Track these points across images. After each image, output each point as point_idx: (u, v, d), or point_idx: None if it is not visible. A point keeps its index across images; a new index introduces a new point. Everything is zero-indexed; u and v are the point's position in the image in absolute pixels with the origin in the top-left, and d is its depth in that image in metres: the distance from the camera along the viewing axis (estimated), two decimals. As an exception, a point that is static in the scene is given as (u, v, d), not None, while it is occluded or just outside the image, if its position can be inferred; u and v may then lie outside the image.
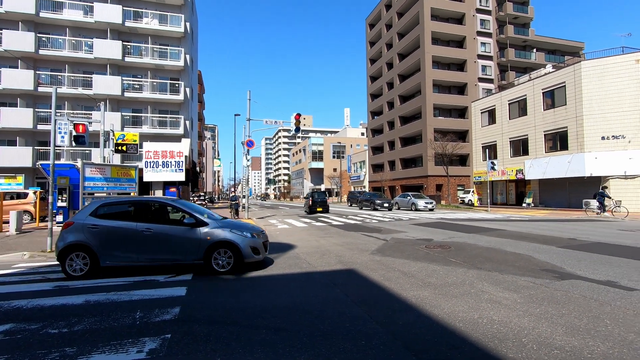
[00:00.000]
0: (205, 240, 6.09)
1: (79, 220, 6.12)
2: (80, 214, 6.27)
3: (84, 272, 5.96)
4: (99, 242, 5.97)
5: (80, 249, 5.97)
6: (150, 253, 6.09)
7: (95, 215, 6.18)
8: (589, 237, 10.29)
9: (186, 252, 6.10)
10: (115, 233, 6.08)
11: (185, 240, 6.09)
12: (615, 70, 22.25)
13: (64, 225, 6.24)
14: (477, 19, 43.28)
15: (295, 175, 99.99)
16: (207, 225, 6.23)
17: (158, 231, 6.08)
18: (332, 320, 3.81)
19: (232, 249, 6.17)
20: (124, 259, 6.05)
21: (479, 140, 32.81)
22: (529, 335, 3.34)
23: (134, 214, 6.29)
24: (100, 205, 6.34)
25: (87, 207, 6.41)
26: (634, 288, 4.90)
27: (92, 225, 6.04)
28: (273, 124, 19.32)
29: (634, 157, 21.36)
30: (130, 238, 6.04)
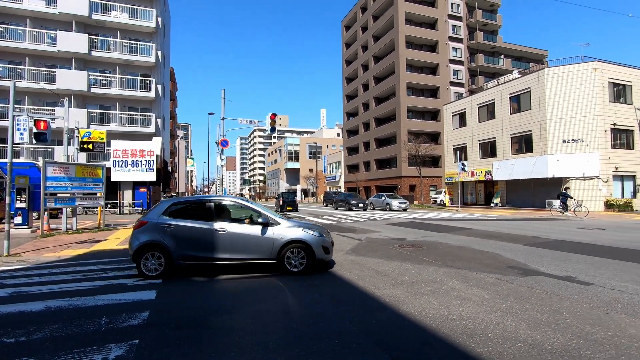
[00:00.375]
0: (279, 240, 6.07)
1: (152, 220, 6.03)
2: (152, 213, 6.15)
3: (159, 271, 5.88)
4: (174, 242, 5.89)
5: (155, 249, 5.89)
6: (224, 252, 5.99)
7: (168, 214, 6.10)
8: (551, 235, 10.86)
9: (260, 251, 6.06)
10: (189, 232, 5.98)
11: (259, 239, 6.05)
12: (575, 77, 23.61)
13: (137, 225, 6.09)
14: (449, 24, 44.65)
15: (271, 175, 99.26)
16: (279, 225, 6.20)
17: (232, 230, 6.02)
18: (306, 321, 3.81)
19: (305, 249, 6.13)
20: (198, 258, 5.96)
21: (451, 142, 33.86)
22: (495, 329, 3.47)
23: (205, 213, 6.18)
24: (172, 204, 6.29)
25: (158, 206, 6.31)
26: (590, 283, 5.22)
27: (166, 225, 5.96)
28: (248, 123, 19.09)
29: (592, 160, 22.74)
30: (204, 237, 5.96)
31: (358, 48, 52.25)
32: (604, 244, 9.04)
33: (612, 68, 23.86)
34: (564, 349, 3.01)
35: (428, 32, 43.81)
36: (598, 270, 6.05)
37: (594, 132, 22.92)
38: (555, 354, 2.93)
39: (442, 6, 44.37)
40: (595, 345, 3.08)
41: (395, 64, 42.47)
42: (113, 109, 26.02)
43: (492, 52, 47.41)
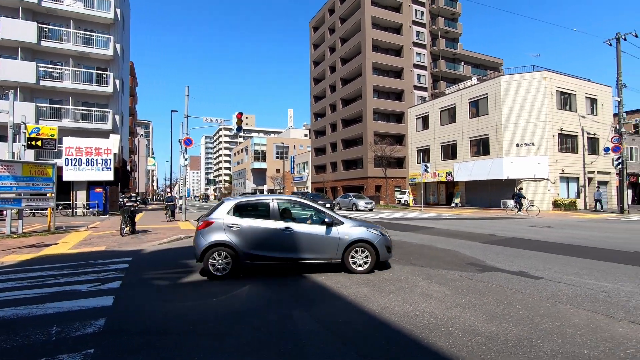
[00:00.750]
0: (344, 239, 6.02)
1: (218, 219, 5.94)
2: (217, 213, 6.04)
3: (226, 271, 5.80)
4: (241, 241, 5.83)
5: (222, 248, 5.81)
6: (290, 252, 5.92)
7: (232, 214, 6.03)
8: (506, 233, 11.53)
9: (325, 251, 6.01)
10: (256, 232, 5.91)
11: (324, 239, 6.00)
12: (527, 85, 25.25)
13: (202, 225, 5.96)
14: (413, 30, 46.12)
15: (237, 175, 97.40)
16: (343, 224, 6.14)
17: (298, 230, 5.97)
18: (274, 322, 3.78)
19: (369, 248, 6.06)
20: (264, 258, 5.88)
21: (414, 144, 34.98)
22: (455, 324, 3.63)
23: (269, 213, 6.09)
24: (236, 203, 6.21)
25: (222, 206, 6.17)
26: (540, 277, 5.60)
27: (233, 224, 5.90)
28: (213, 122, 18.61)
29: (541, 163, 24.42)
30: (270, 237, 5.89)
31: (326, 49, 52.61)
32: (552, 240, 9.74)
33: (560, 78, 25.77)
34: (517, 340, 3.21)
35: (394, 36, 45.00)
36: (547, 265, 6.50)
37: (543, 136, 24.62)
38: (509, 344, 3.12)
39: (407, 12, 45.77)
40: (545, 335, 3.31)
41: (362, 66, 43.21)
42: (66, 103, 24.34)
43: (453, 59, 49.56)
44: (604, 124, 27.39)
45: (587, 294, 4.62)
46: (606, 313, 3.91)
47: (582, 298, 4.46)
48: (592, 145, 26.87)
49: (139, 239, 10.81)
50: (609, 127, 27.08)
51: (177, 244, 10.13)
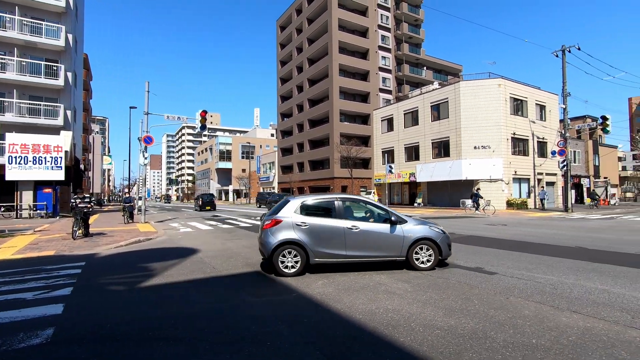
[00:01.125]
0: (408, 237, 6.13)
1: (286, 218, 6.03)
2: (285, 212, 6.12)
3: (295, 269, 5.87)
4: (309, 240, 5.92)
5: (292, 247, 5.89)
6: (357, 250, 6.01)
7: (300, 213, 6.12)
8: (464, 231, 12.10)
9: (390, 249, 6.11)
10: (323, 230, 6.01)
11: (389, 237, 6.11)
12: (484, 91, 26.66)
13: (271, 223, 6.03)
14: (379, 34, 47.19)
15: (201, 175, 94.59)
16: (406, 223, 6.25)
17: (364, 229, 6.07)
18: (237, 324, 3.71)
19: (432, 246, 6.18)
20: (332, 256, 5.98)
21: (380, 145, 35.77)
22: (417, 319, 3.76)
23: (336, 212, 6.18)
24: (302, 202, 6.26)
25: (288, 204, 6.22)
26: (494, 272, 5.93)
27: (301, 223, 5.99)
28: (176, 119, 17.94)
29: (497, 164, 25.87)
30: (338, 235, 5.99)
31: (293, 49, 52.48)
32: (505, 238, 10.35)
33: (513, 85, 27.47)
34: (473, 332, 3.38)
35: (360, 39, 45.78)
36: (501, 261, 6.90)
37: (498, 140, 26.12)
38: (466, 337, 3.27)
39: (373, 16, 46.74)
40: (498, 327, 3.52)
41: (329, 67, 43.56)
42: (9, 96, 22.40)
43: (416, 64, 51.28)
44: (552, 129, 29.55)
45: (536, 287, 4.95)
46: (552, 304, 4.21)
47: (531, 291, 4.78)
48: (541, 148, 28.88)
49: (93, 242, 10.19)
50: (556, 132, 29.23)
51: (136, 247, 9.67)
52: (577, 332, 3.37)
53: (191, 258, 7.73)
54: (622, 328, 3.46)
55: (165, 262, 7.25)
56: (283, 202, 6.44)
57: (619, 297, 4.45)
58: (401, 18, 49.46)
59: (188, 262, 7.23)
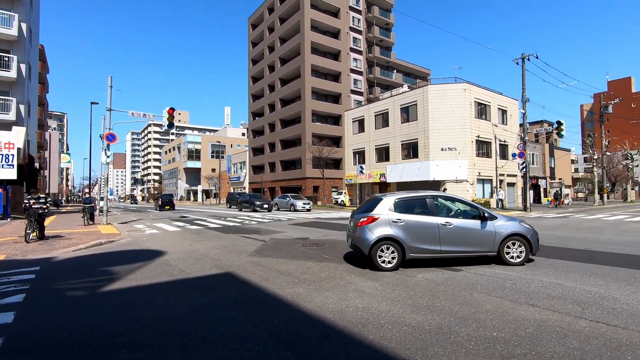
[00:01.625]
0: (500, 233, 6.34)
1: (382, 215, 6.27)
2: (379, 209, 6.36)
3: (392, 264, 6.11)
4: (406, 236, 6.16)
5: (389, 242, 6.13)
6: (450, 246, 6.24)
7: (394, 210, 6.35)
8: (432, 230, 12.48)
9: (482, 244, 6.32)
10: (418, 227, 6.24)
11: (481, 233, 6.32)
12: (450, 95, 27.67)
13: (367, 220, 6.29)
14: (350, 36, 47.73)
15: (168, 175, 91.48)
16: (497, 219, 6.45)
17: (458, 225, 6.30)
18: (205, 327, 3.62)
19: (523, 241, 6.37)
20: (427, 251, 6.22)
21: (351, 146, 36.19)
22: (386, 317, 3.84)
23: (428, 209, 6.44)
24: (396, 200, 6.48)
25: (382, 202, 6.45)
26: (460, 269, 6.17)
27: (397, 220, 6.23)
28: (141, 117, 17.24)
29: (462, 166, 26.93)
30: (432, 231, 6.22)
31: (265, 48, 51.96)
32: (470, 236, 10.78)
33: (477, 90, 28.71)
34: (439, 327, 3.50)
35: (332, 41, 46.08)
36: (465, 258, 7.18)
37: (463, 142, 27.20)
38: (433, 332, 3.39)
39: (345, 18, 47.22)
40: (462, 321, 3.66)
41: (301, 68, 43.53)
42: (-47, 88, 20.60)
43: (387, 66, 52.35)
44: (512, 133, 31.16)
45: (497, 283, 5.21)
46: (512, 298, 4.45)
47: (493, 286, 5.02)
48: (502, 151, 30.38)
49: (49, 245, 9.58)
50: (516, 136, 30.85)
51: (97, 250, 9.19)
52: (533, 324, 3.58)
53: (157, 260, 7.45)
54: (573, 319, 3.71)
55: (129, 265, 6.95)
56: (374, 200, 6.71)
57: (571, 290, 4.76)
58: (372, 21, 50.31)
59: (154, 265, 6.97)
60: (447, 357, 2.86)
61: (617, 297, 4.46)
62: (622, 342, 3.12)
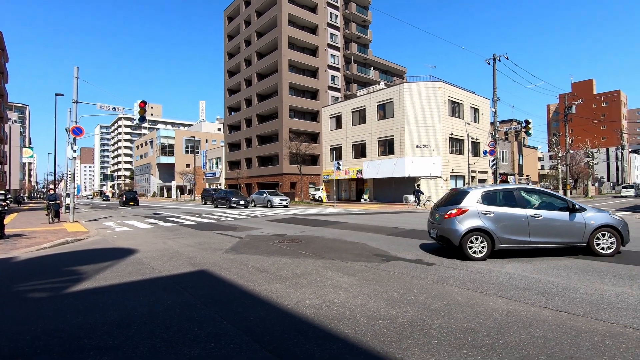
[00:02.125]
0: (590, 225, 6.48)
1: (471, 207, 6.53)
2: (468, 201, 6.60)
3: (482, 254, 6.37)
4: (495, 227, 6.40)
5: (479, 233, 6.38)
6: (540, 237, 6.44)
7: (482, 202, 6.59)
8: (407, 225, 12.76)
9: (571, 235, 6.50)
10: (508, 218, 6.44)
11: (570, 224, 6.47)
12: (425, 93, 28.24)
13: (456, 212, 6.55)
14: (328, 32, 47.68)
15: (140, 170, 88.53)
16: (586, 211, 6.56)
17: (547, 216, 6.47)
18: (178, 327, 3.53)
19: (614, 233, 6.50)
20: (516, 242, 6.44)
21: (328, 142, 36.28)
22: (361, 311, 3.89)
23: (516, 201, 6.62)
24: (483, 192, 6.72)
25: (469, 195, 6.70)
26: (433, 263, 6.33)
27: (486, 212, 6.47)
28: (111, 110, 16.53)
29: (436, 163, 27.61)
30: (522, 223, 6.41)
31: (241, 42, 51.04)
32: (443, 231, 11.09)
33: (451, 88, 29.46)
34: (412, 320, 3.58)
35: (309, 36, 45.88)
36: (439, 252, 7.38)
37: (437, 139, 27.88)
38: (407, 325, 3.46)
39: (322, 14, 47.09)
40: (435, 314, 3.76)
41: (278, 63, 43.09)
42: None
43: (364, 63, 52.71)
44: (484, 131, 32.23)
45: (468, 276, 5.38)
46: (481, 291, 4.61)
47: (464, 279, 5.19)
48: (474, 148, 31.38)
49: (9, 244, 9.06)
50: (487, 134, 31.94)
51: (63, 249, 8.78)
52: (501, 314, 3.73)
53: (128, 259, 7.20)
54: (538, 309, 3.89)
55: (97, 265, 6.68)
56: (460, 193, 6.96)
57: (536, 282, 5.00)
58: (350, 18, 50.44)
59: (124, 264, 6.73)
60: (419, 349, 2.93)
61: (577, 287, 4.72)
62: (581, 330, 3.31)
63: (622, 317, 3.64)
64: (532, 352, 2.86)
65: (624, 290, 4.58)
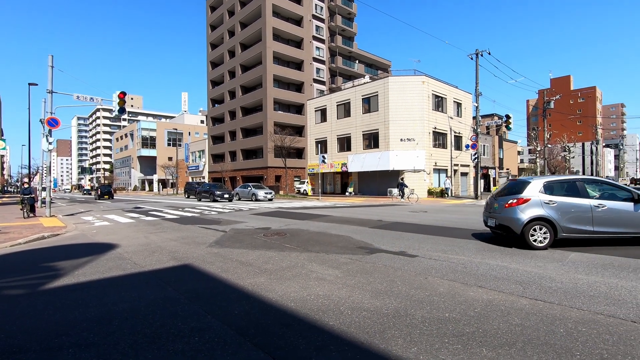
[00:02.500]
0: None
1: (533, 197, 6.72)
2: (529, 191, 6.81)
3: (544, 243, 6.55)
4: (558, 216, 6.54)
5: (541, 223, 6.56)
6: (603, 227, 6.54)
7: (544, 192, 6.76)
8: (391, 218, 12.92)
9: (637, 226, 6.54)
10: (571, 208, 6.58)
11: (636, 215, 6.52)
12: (409, 87, 28.44)
13: (517, 201, 6.76)
14: (313, 24, 47.26)
15: (120, 163, 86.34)
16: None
17: (610, 207, 6.56)
18: (161, 322, 3.49)
19: None
20: (579, 231, 6.55)
21: (313, 135, 36.19)
22: (346, 303, 3.93)
23: (579, 191, 6.72)
24: (545, 182, 6.88)
25: (531, 184, 6.90)
26: (415, 255, 6.44)
27: (549, 201, 6.64)
28: (88, 100, 15.98)
29: (420, 156, 27.96)
30: (585, 213, 6.53)
31: (225, 32, 50.04)
32: (426, 223, 11.29)
33: (435, 83, 29.76)
34: (396, 311, 3.65)
35: (294, 28, 45.38)
36: (421, 244, 7.51)
37: (421, 133, 28.21)
38: (390, 316, 3.52)
39: (307, 5, 46.59)
40: (418, 304, 3.84)
41: (263, 54, 42.51)
42: None
43: (349, 57, 52.60)
44: (466, 125, 32.79)
45: (450, 267, 5.51)
46: (462, 281, 4.73)
47: (446, 270, 5.30)
48: (457, 142, 31.92)
49: (-18, 240, 8.70)
50: (469, 128, 32.52)
51: (40, 244, 8.50)
52: (481, 304, 3.84)
53: (108, 254, 7.04)
54: (515, 298, 4.03)
55: (76, 260, 6.50)
56: (520, 183, 7.17)
57: (514, 272, 5.16)
58: (335, 10, 50.12)
59: (104, 259, 6.58)
60: (402, 339, 2.99)
61: (553, 276, 4.90)
62: (556, 317, 3.44)
63: None
64: (511, 339, 2.96)
65: None
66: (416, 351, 2.79)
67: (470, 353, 2.74)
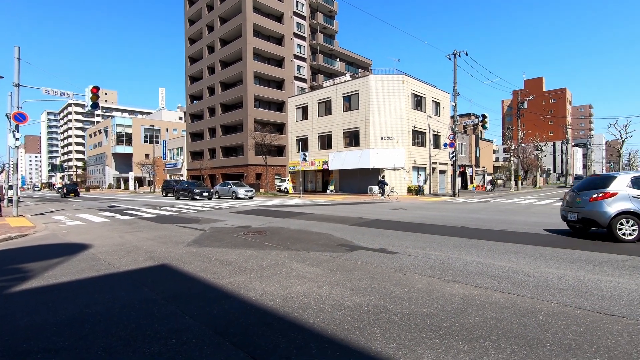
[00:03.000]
0: None
1: (621, 191, 6.87)
2: (616, 185, 6.96)
3: (632, 236, 6.70)
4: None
5: (630, 216, 6.71)
6: None
7: (632, 187, 6.90)
8: (371, 215, 13.05)
9: None
10: None
11: None
12: (389, 86, 28.77)
13: (603, 195, 6.93)
14: (294, 21, 46.98)
15: (94, 161, 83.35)
16: None
17: None
18: (137, 324, 3.39)
19: None
20: None
21: (294, 133, 36.06)
22: (326, 300, 3.94)
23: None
24: (633, 177, 7.00)
25: (617, 179, 7.05)
26: (395, 252, 6.54)
27: (637, 195, 6.78)
28: (59, 95, 15.30)
29: (399, 154, 28.36)
30: None
31: (203, 27, 49.00)
32: (405, 220, 11.48)
33: (414, 82, 30.22)
34: (375, 308, 3.69)
35: (275, 24, 44.96)
36: (401, 241, 7.63)
37: (401, 131, 28.61)
38: (370, 312, 3.56)
39: (288, 2, 46.25)
40: (397, 300, 3.90)
41: (243, 50, 41.94)
42: None
43: (330, 54, 52.64)
44: (444, 124, 33.50)
45: (428, 263, 5.62)
46: (440, 277, 4.83)
47: (424, 267, 5.41)
48: (435, 141, 32.57)
49: (-58, 242, 8.20)
50: (447, 127, 33.23)
51: (7, 245, 8.10)
52: (458, 299, 3.93)
53: (81, 255, 6.78)
54: (490, 292, 4.15)
55: (46, 262, 6.23)
56: (604, 178, 7.38)
57: (489, 267, 5.32)
58: (316, 7, 50.00)
59: (76, 260, 6.34)
60: (382, 335, 3.03)
61: (525, 271, 5.09)
62: (528, 310, 3.57)
63: None
64: (485, 332, 3.05)
65: None
66: (395, 347, 2.83)
67: (447, 347, 2.81)
